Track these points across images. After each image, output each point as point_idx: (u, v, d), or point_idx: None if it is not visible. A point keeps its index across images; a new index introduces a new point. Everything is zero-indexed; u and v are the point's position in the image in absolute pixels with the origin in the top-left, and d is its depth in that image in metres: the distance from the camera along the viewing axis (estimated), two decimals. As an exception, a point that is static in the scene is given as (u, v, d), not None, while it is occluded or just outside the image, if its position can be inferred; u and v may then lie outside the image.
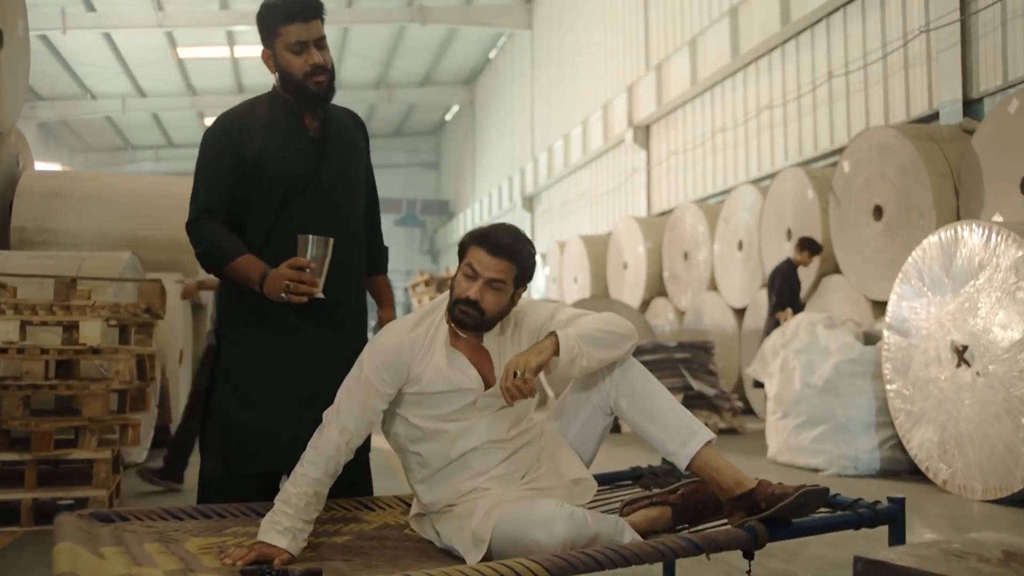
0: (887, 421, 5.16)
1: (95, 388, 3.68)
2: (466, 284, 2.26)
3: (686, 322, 10.28)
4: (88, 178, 8.17)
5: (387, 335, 2.33)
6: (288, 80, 2.60)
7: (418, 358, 2.29)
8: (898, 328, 5.03)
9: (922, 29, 7.39)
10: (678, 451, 2.22)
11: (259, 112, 2.63)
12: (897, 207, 6.53)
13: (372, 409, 2.26)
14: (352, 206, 2.70)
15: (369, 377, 2.26)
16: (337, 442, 2.22)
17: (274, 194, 2.57)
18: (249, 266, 2.52)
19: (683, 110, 12.25)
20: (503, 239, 2.28)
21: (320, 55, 2.57)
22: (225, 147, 2.57)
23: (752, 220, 9.02)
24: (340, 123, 2.74)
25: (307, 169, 2.59)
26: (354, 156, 2.74)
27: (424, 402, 2.29)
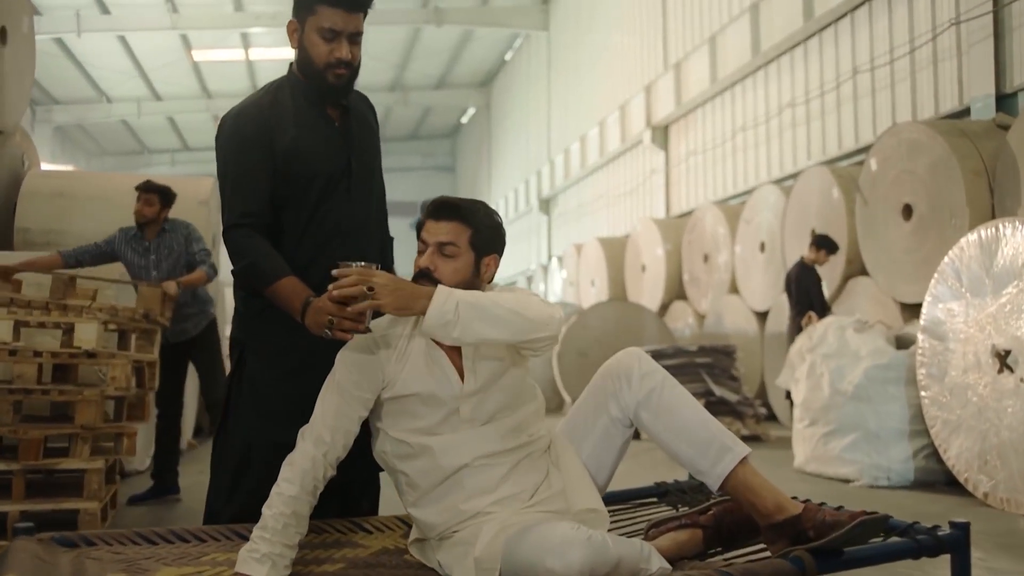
0: (922, 429, 4.91)
1: (89, 394, 3.50)
2: (418, 259, 2.11)
3: (706, 326, 10.04)
4: (93, 178, 8.02)
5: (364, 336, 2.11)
6: (306, 64, 2.39)
7: (394, 358, 2.10)
8: (933, 331, 4.78)
9: (952, 22, 7.13)
10: (709, 470, 1.98)
11: (284, 102, 2.42)
12: (928, 206, 6.27)
13: (348, 417, 2.05)
14: (372, 198, 2.52)
15: (341, 381, 2.07)
16: (313, 454, 2.01)
17: (310, 191, 2.37)
18: (292, 292, 2.27)
19: (702, 109, 12.01)
20: (449, 202, 2.14)
21: (349, 50, 2.35)
22: (257, 141, 2.35)
23: (775, 221, 8.77)
24: (358, 109, 2.55)
25: (340, 162, 2.41)
26: (374, 144, 2.56)
27: (403, 410, 2.08)
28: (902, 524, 1.92)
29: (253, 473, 2.38)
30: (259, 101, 2.44)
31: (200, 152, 26.87)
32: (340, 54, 2.33)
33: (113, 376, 3.52)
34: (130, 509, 4.24)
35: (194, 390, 7.08)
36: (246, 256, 2.32)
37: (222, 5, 17.39)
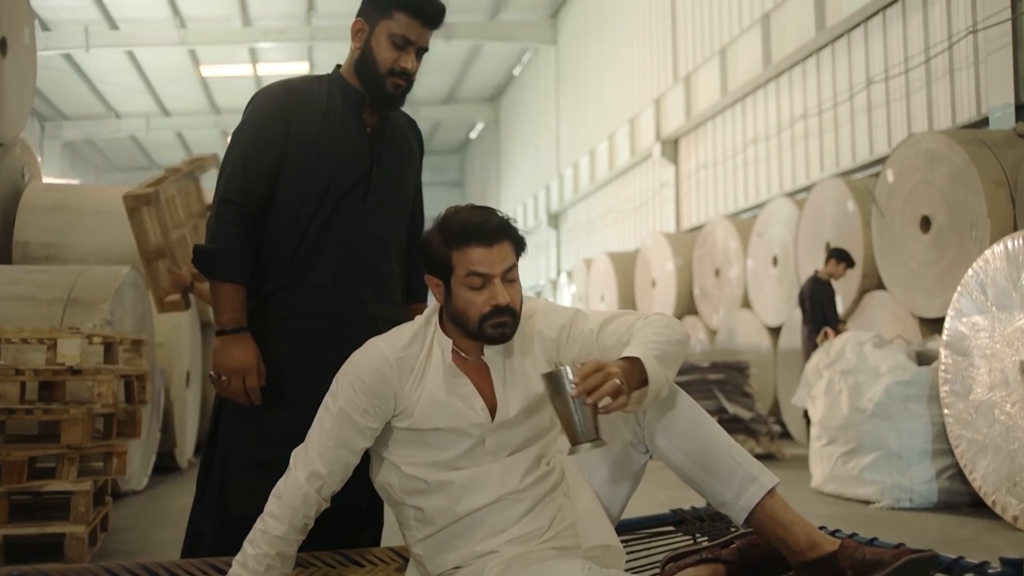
0: (945, 449, 4.71)
1: (75, 412, 3.33)
2: (483, 295, 1.85)
3: (718, 341, 9.85)
4: (93, 191, 7.89)
5: (368, 353, 1.91)
6: (368, 65, 2.27)
7: (408, 384, 1.88)
8: (956, 347, 4.58)
9: (969, 30, 6.96)
10: (732, 502, 1.81)
11: (318, 93, 2.31)
12: (947, 218, 6.08)
13: (350, 448, 1.85)
14: (400, 219, 2.38)
15: (346, 408, 1.85)
16: (305, 490, 1.81)
17: (320, 186, 2.24)
18: (229, 303, 2.19)
19: (713, 122, 11.86)
20: (489, 221, 1.91)
21: (415, 64, 2.27)
22: (275, 122, 2.25)
23: (788, 234, 8.59)
24: (398, 124, 2.42)
25: (361, 168, 2.28)
26: (408, 163, 2.42)
27: (420, 440, 1.87)
28: (946, 560, 1.74)
29: (235, 493, 2.23)
30: (294, 85, 2.34)
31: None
32: (406, 64, 2.25)
33: (99, 392, 3.36)
34: (121, 533, 4.07)
35: (196, 404, 6.93)
36: (220, 241, 2.22)
37: (230, 20, 17.36)
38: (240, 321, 2.21)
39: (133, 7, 16.51)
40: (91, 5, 16.17)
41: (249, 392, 2.19)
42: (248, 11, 17.13)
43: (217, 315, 2.22)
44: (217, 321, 2.23)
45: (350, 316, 2.27)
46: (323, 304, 2.26)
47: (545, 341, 1.97)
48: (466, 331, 1.89)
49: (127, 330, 4.75)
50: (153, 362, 5.37)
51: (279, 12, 17.29)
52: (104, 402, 3.40)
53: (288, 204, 2.28)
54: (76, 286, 4.64)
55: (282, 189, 2.28)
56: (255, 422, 2.25)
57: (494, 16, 18.63)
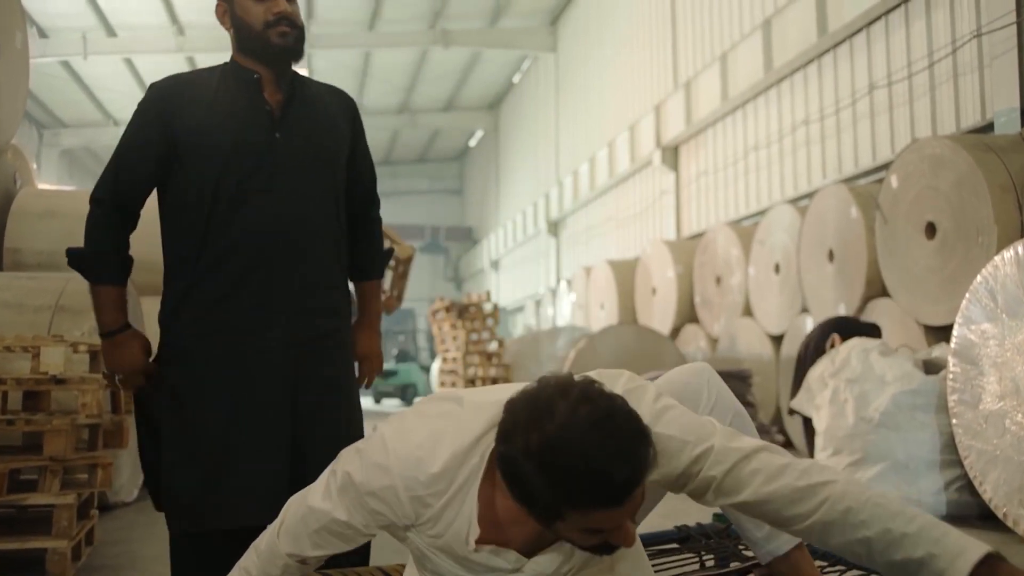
0: (954, 460, 4.60)
1: (58, 423, 3.23)
2: (598, 537, 1.39)
3: (719, 350, 9.75)
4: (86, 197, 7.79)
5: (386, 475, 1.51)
6: (246, 34, 2.17)
7: (426, 516, 1.51)
8: (965, 355, 4.48)
9: (974, 34, 6.88)
10: (760, 542, 1.71)
11: (205, 81, 2.20)
12: (953, 223, 5.99)
13: (350, 541, 1.60)
14: (326, 195, 2.21)
15: (350, 519, 1.55)
16: (285, 562, 1.61)
17: (212, 171, 2.11)
18: (107, 305, 2.17)
19: (713, 129, 11.78)
20: (621, 474, 1.32)
21: (286, 5, 2.15)
22: (154, 119, 2.16)
23: (790, 241, 8.50)
24: (313, 97, 2.26)
25: (256, 146, 2.13)
26: (327, 134, 2.25)
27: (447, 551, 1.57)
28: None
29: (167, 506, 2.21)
30: (182, 78, 2.26)
31: (208, 176, 26.76)
32: (278, 8, 2.15)
33: (84, 403, 3.26)
34: (108, 547, 3.96)
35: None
36: (91, 243, 2.20)
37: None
38: (118, 321, 2.20)
39: (131, 14, 16.47)
40: (89, 12, 16.13)
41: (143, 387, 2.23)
42: (247, 18, 17.09)
43: (98, 316, 2.21)
44: (99, 323, 2.22)
45: (264, 312, 2.16)
46: (234, 297, 2.15)
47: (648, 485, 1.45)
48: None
49: (117, 338, 4.66)
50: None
51: (277, 19, 17.25)
52: (89, 412, 3.30)
53: (186, 199, 2.18)
54: (64, 293, 4.55)
55: (177, 185, 2.19)
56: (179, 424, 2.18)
57: (493, 23, 18.58)
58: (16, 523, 3.56)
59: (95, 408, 3.31)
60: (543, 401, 1.35)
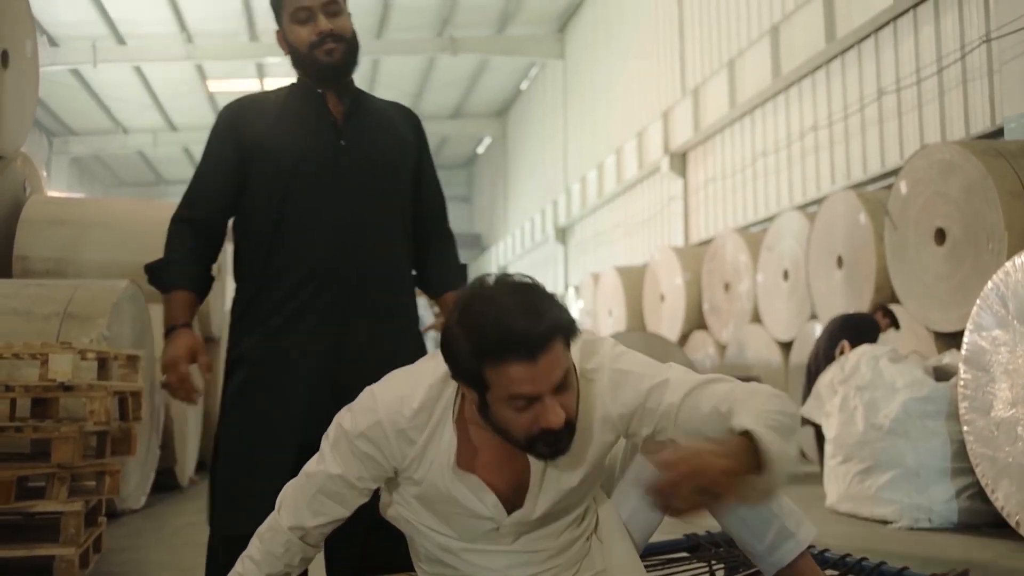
0: (965, 467, 4.57)
1: (66, 430, 3.23)
2: (527, 415, 1.51)
3: (728, 356, 9.72)
4: (95, 204, 7.83)
5: (364, 419, 1.66)
6: (296, 57, 2.25)
7: (408, 458, 1.64)
8: (976, 362, 4.45)
9: (983, 39, 6.85)
10: (763, 555, 1.70)
11: (274, 97, 2.30)
12: (962, 230, 5.95)
13: (345, 503, 1.69)
14: (391, 204, 2.26)
15: (341, 471, 1.65)
16: (288, 537, 1.66)
17: (279, 181, 2.19)
18: (173, 307, 2.19)
19: (721, 135, 11.77)
20: (532, 328, 1.48)
21: (329, 21, 2.20)
22: (228, 135, 2.25)
23: (798, 248, 8.48)
24: (378, 110, 2.33)
25: (322, 153, 2.21)
26: (392, 147, 2.31)
27: (430, 509, 1.67)
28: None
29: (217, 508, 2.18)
30: (250, 96, 2.35)
31: (216, 183, 26.83)
32: (320, 28, 2.20)
33: (92, 410, 3.26)
34: (116, 554, 3.96)
35: (197, 421, 6.82)
36: (165, 254, 2.25)
37: (237, 35, 17.37)
38: (178, 319, 2.21)
39: (140, 22, 16.54)
40: (99, 20, 16.21)
41: (181, 383, 2.17)
42: (255, 26, 17.14)
43: (164, 319, 2.23)
44: (164, 324, 2.24)
45: (327, 311, 2.18)
46: (296, 302, 2.19)
47: (612, 421, 1.67)
48: (508, 441, 1.58)
49: (125, 345, 4.66)
50: (153, 378, 5.28)
51: (286, 27, 17.31)
52: (97, 419, 3.30)
53: (255, 210, 2.25)
54: (73, 300, 4.55)
55: (248, 199, 2.26)
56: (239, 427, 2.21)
57: (501, 31, 18.60)
58: (24, 530, 3.56)
59: (103, 415, 3.31)
60: (473, 284, 1.59)
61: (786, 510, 1.72)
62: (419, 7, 17.07)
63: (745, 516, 1.70)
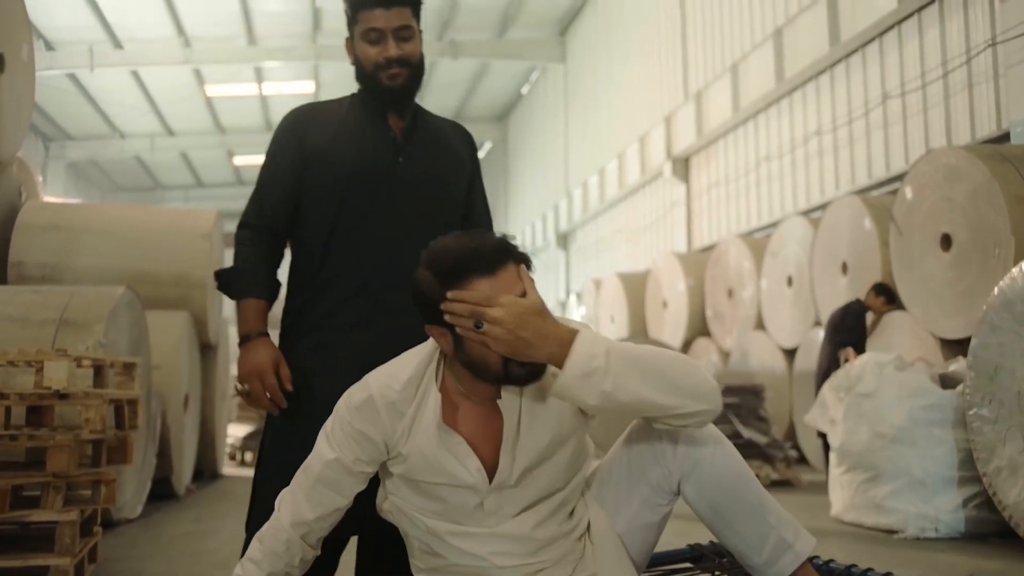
0: (972, 476, 4.56)
1: (61, 438, 3.23)
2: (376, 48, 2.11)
3: (731, 364, 9.71)
4: (90, 210, 7.84)
5: (358, 395, 1.77)
6: (360, 72, 2.31)
7: (398, 431, 1.74)
8: (982, 369, 4.44)
9: (988, 43, 6.86)
10: (762, 567, 1.70)
11: (335, 107, 2.35)
12: (968, 235, 5.96)
13: (342, 491, 1.74)
14: (443, 220, 2.30)
15: (336, 454, 1.73)
16: (289, 535, 1.71)
17: (335, 192, 2.23)
18: (247, 316, 2.22)
19: (725, 140, 11.77)
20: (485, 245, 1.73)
21: (398, 47, 2.24)
22: (289, 141, 2.30)
23: (802, 253, 8.48)
24: (436, 129, 2.39)
25: (380, 168, 2.25)
26: (448, 165, 2.37)
27: (418, 489, 1.74)
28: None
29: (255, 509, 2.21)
30: (313, 105, 2.40)
31: (214, 188, 26.85)
32: (388, 53, 2.24)
33: (87, 418, 3.26)
34: (112, 564, 3.95)
35: (194, 429, 6.82)
36: (236, 261, 2.29)
37: (236, 39, 17.40)
38: (254, 328, 2.23)
39: (138, 26, 16.57)
40: (96, 25, 16.23)
41: (270, 393, 2.17)
42: (253, 30, 17.17)
43: (239, 327, 2.26)
44: (239, 332, 2.27)
45: (375, 324, 2.21)
46: (346, 313, 2.23)
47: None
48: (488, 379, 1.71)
49: (122, 352, 4.66)
50: (149, 385, 5.28)
51: (285, 31, 17.32)
52: (92, 428, 3.29)
53: (310, 219, 2.30)
54: (69, 307, 4.55)
55: (305, 207, 2.30)
56: (285, 435, 2.23)
57: (502, 34, 18.63)
58: (18, 540, 3.56)
59: (99, 423, 3.30)
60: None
61: (783, 521, 1.72)
62: (419, 10, 17.09)
63: (741, 529, 1.71)
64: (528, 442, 1.74)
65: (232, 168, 25.59)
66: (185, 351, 6.29)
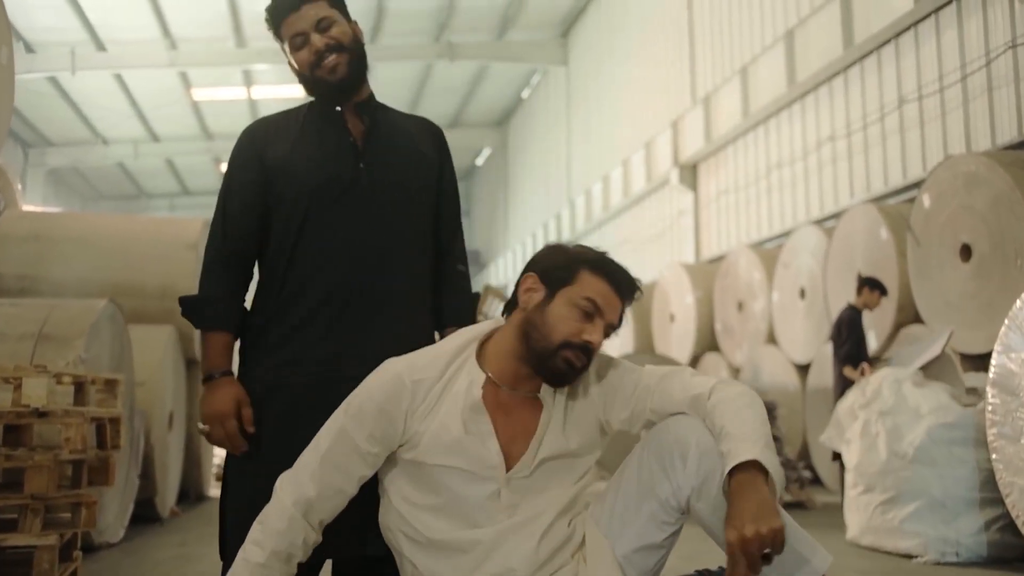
0: (995, 498, 4.55)
1: (40, 459, 3.23)
2: (581, 323, 1.87)
3: (742, 380, 9.70)
4: (71, 219, 7.86)
5: (382, 374, 1.87)
6: (304, 81, 2.33)
7: (421, 409, 1.82)
8: (1004, 385, 4.44)
9: (1008, 45, 6.89)
10: None
11: (292, 118, 2.37)
12: (989, 245, 5.97)
13: (346, 472, 1.80)
14: (411, 228, 2.31)
15: (349, 428, 1.80)
16: (291, 513, 1.76)
17: (299, 204, 2.24)
18: (214, 351, 2.22)
19: (734, 146, 11.81)
20: (627, 276, 1.99)
21: (323, 37, 2.26)
22: (249, 159, 2.31)
23: (816, 264, 8.49)
24: (400, 127, 2.38)
25: (342, 176, 2.25)
26: (413, 164, 2.36)
27: (424, 479, 1.79)
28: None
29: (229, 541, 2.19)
30: (270, 118, 2.42)
31: (201, 196, 26.90)
32: (315, 47, 2.26)
33: (67, 437, 3.26)
34: (92, 589, 3.94)
35: (179, 449, 6.82)
36: (203, 290, 2.28)
37: (224, 41, 17.46)
38: (220, 366, 2.23)
39: (121, 28, 16.63)
40: (78, 26, 16.30)
41: (229, 438, 2.18)
42: (242, 31, 17.23)
43: (202, 362, 2.28)
44: (202, 369, 2.28)
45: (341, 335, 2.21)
46: (311, 328, 2.22)
47: (611, 391, 1.96)
48: (532, 351, 1.86)
49: (104, 368, 4.66)
50: (132, 403, 5.28)
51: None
52: (73, 447, 3.30)
53: (273, 234, 2.30)
54: (49, 321, 4.56)
55: (268, 223, 2.31)
56: (244, 466, 2.24)
57: (501, 36, 18.70)
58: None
59: (79, 443, 3.30)
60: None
61: (799, 537, 1.73)
62: (415, 11, 17.18)
63: None
64: (555, 440, 1.85)
65: (219, 175, 25.48)
66: (170, 367, 6.29)
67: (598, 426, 1.94)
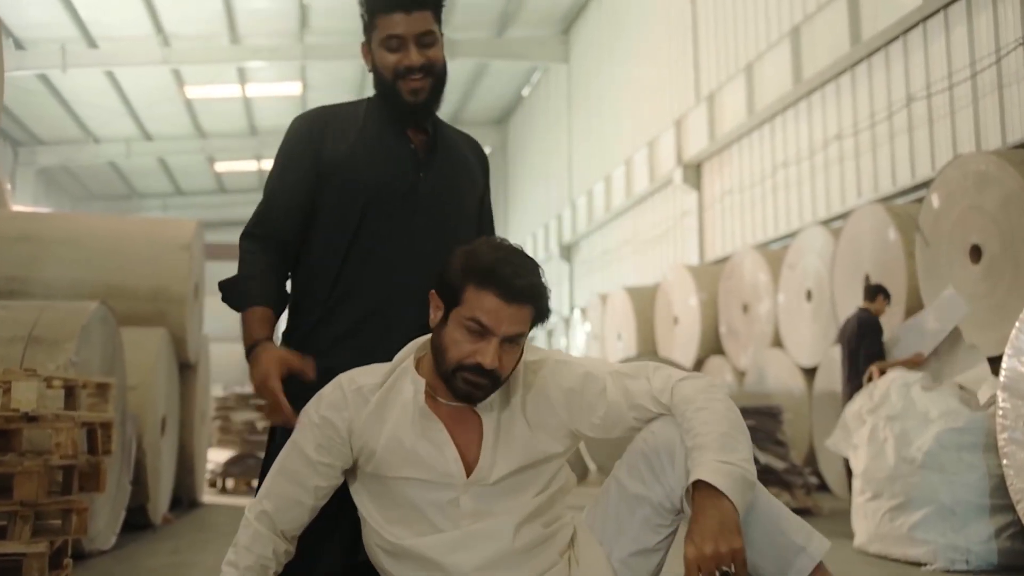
0: (1005, 504, 4.55)
1: (30, 464, 3.23)
2: (472, 345, 1.81)
3: (747, 384, 9.72)
4: (62, 219, 7.86)
5: (330, 383, 1.93)
6: (379, 81, 2.32)
7: (364, 416, 1.85)
8: (1015, 389, 4.44)
9: (1019, 42, 6.90)
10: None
11: (352, 113, 2.36)
12: (1000, 246, 5.98)
13: (301, 484, 1.84)
14: (456, 234, 2.32)
15: (299, 441, 1.86)
16: (255, 528, 1.81)
17: (355, 205, 2.26)
18: (252, 324, 2.19)
19: (739, 145, 11.82)
20: (518, 279, 1.82)
21: (420, 54, 2.26)
22: (305, 148, 2.31)
23: (822, 266, 8.50)
24: (454, 145, 2.42)
25: (402, 181, 2.28)
26: (465, 180, 2.41)
27: (388, 492, 1.82)
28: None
29: None
30: (329, 109, 2.41)
31: (194, 196, 26.92)
32: (410, 61, 2.25)
33: (58, 442, 3.26)
34: (83, 598, 3.94)
35: (172, 454, 6.82)
36: (240, 268, 2.28)
37: (218, 38, 17.46)
38: (255, 336, 2.20)
39: (113, 24, 16.63)
40: (68, 22, 16.29)
41: (274, 398, 2.10)
42: (237, 28, 17.24)
43: (244, 340, 2.24)
44: (244, 344, 2.24)
45: (386, 349, 2.19)
46: (359, 336, 2.24)
47: (550, 397, 1.90)
48: (439, 371, 1.88)
49: (95, 371, 4.66)
50: (123, 407, 5.28)
51: (270, 29, 17.40)
52: (63, 453, 3.30)
53: (325, 234, 2.30)
54: (39, 323, 4.55)
55: (320, 221, 2.31)
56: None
57: (501, 33, 18.72)
58: (-16, 573, 3.55)
59: (70, 448, 3.31)
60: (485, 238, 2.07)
61: (793, 525, 1.76)
62: (413, 8, 17.17)
63: (750, 536, 1.72)
64: (505, 453, 1.85)
65: (213, 175, 25.66)
66: (162, 370, 6.29)
67: (565, 432, 1.92)
